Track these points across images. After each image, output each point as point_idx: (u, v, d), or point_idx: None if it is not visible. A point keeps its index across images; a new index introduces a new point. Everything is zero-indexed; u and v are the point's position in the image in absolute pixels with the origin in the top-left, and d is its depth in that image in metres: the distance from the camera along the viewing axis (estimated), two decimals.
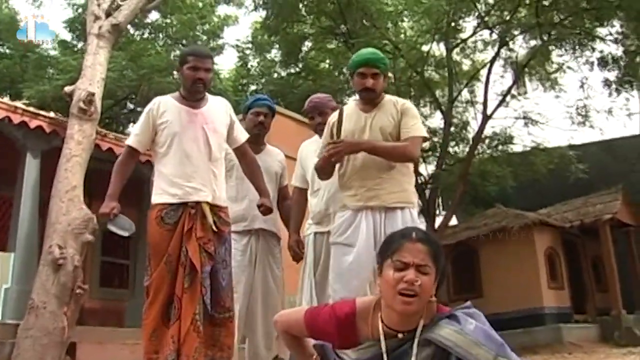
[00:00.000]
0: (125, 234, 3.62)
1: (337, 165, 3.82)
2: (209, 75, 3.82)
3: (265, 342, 4.41)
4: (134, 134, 3.74)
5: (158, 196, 3.63)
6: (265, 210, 3.99)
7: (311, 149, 4.50)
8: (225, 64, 35.92)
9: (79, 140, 7.55)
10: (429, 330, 2.20)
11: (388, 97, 3.93)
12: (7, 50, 16.66)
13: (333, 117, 3.91)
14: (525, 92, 17.46)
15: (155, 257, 3.50)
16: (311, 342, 2.56)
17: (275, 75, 18.34)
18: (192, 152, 3.66)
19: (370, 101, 3.84)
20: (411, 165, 3.87)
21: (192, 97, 3.78)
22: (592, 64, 16.03)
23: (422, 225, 3.79)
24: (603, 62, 15.89)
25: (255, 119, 4.54)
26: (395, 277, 2.20)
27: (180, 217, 3.53)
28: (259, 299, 4.35)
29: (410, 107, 3.91)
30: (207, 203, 3.62)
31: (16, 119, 8.20)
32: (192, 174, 3.63)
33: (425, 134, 3.93)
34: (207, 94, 3.91)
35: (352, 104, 4.01)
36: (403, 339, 2.24)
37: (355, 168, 3.73)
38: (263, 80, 18.52)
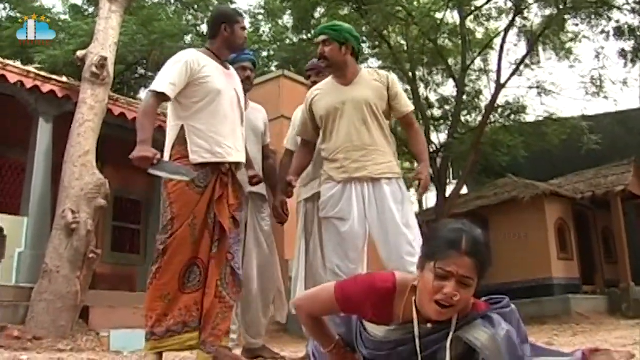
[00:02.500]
0: (184, 178, 3.28)
1: (320, 139, 3.92)
2: None
3: (263, 310, 4.42)
4: (169, 82, 3.41)
5: (197, 155, 3.41)
6: (258, 181, 4.07)
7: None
8: None
9: (91, 105, 7.55)
10: (463, 329, 2.16)
11: (365, 70, 3.98)
12: (18, 15, 16.56)
13: (310, 93, 3.99)
14: (539, 62, 17.30)
15: (180, 218, 3.35)
16: (333, 322, 2.54)
17: (287, 41, 18.19)
18: (229, 113, 3.58)
19: (340, 72, 3.86)
20: (392, 137, 3.89)
21: (225, 57, 3.74)
22: (607, 33, 15.78)
23: (412, 197, 3.80)
24: (619, 32, 15.63)
25: (243, 74, 4.29)
26: (435, 286, 2.11)
27: (210, 182, 3.43)
28: (254, 263, 4.32)
29: (396, 79, 4.01)
30: (239, 164, 3.61)
31: (29, 83, 8.18)
32: (232, 133, 3.56)
33: None
34: None
35: (329, 79, 4.01)
36: (434, 329, 2.21)
37: (338, 141, 3.75)
38: (275, 47, 18.38)
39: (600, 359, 2.30)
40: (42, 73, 8.56)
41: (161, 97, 3.42)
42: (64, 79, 8.75)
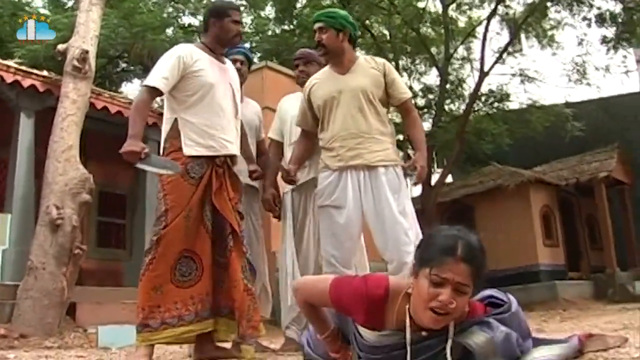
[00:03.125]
0: (169, 172, 3.31)
1: (319, 128, 3.91)
2: None
3: (263, 304, 4.42)
4: (161, 76, 3.44)
5: (190, 148, 3.43)
6: (259, 176, 4.01)
7: (291, 103, 4.54)
8: None
9: (73, 99, 7.45)
10: (460, 335, 2.13)
11: (362, 57, 3.98)
12: None
13: (309, 83, 3.99)
14: (521, 50, 17.35)
15: (174, 209, 3.34)
16: (330, 312, 2.52)
17: (270, 32, 18.09)
18: (224, 106, 3.58)
19: (337, 60, 3.86)
20: (390, 124, 3.89)
21: (220, 51, 3.71)
22: (589, 20, 15.85)
23: (408, 183, 3.78)
24: (601, 19, 15.69)
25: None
26: (430, 293, 2.07)
27: (204, 174, 3.42)
28: None
29: (392, 67, 3.99)
30: (234, 157, 3.60)
31: (9, 78, 8.08)
32: (226, 126, 3.55)
33: None
34: None
35: (326, 68, 4.02)
36: (428, 336, 2.18)
37: (335, 130, 3.75)
38: (257, 38, 18.27)
39: (596, 343, 2.30)
40: (23, 67, 8.45)
41: (154, 92, 3.46)
42: (45, 73, 8.64)
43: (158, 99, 3.83)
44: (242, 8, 18.61)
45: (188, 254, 3.36)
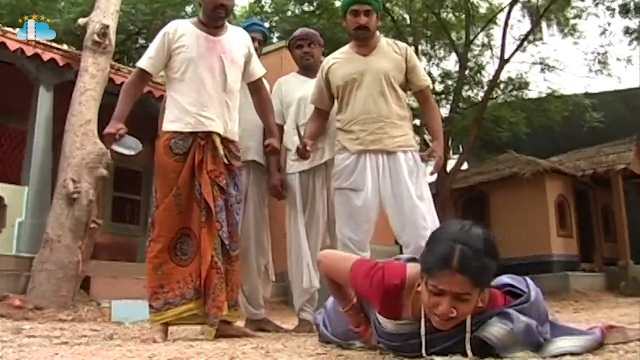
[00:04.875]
0: (131, 152, 3.44)
1: (335, 108, 3.91)
2: (232, 2, 3.64)
3: (264, 284, 4.45)
4: (147, 57, 3.53)
5: (169, 123, 3.48)
6: (272, 150, 3.90)
7: (292, 84, 4.49)
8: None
9: (93, 74, 7.46)
10: (478, 328, 2.10)
11: (384, 40, 3.93)
12: None
13: (327, 62, 3.93)
14: (542, 38, 17.16)
15: (162, 189, 3.39)
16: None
17: (289, 12, 18.00)
18: (207, 80, 3.50)
19: (366, 42, 3.82)
20: (408, 110, 3.87)
21: (212, 24, 3.61)
22: (613, 11, 15.66)
23: (427, 169, 3.79)
24: (625, 9, 15.51)
25: None
26: (431, 302, 2.05)
27: (190, 149, 3.40)
28: (252, 236, 4.30)
29: (413, 52, 3.96)
30: (218, 134, 3.49)
31: (29, 50, 8.08)
32: (206, 102, 3.48)
33: None
34: (227, 23, 3.75)
35: (346, 47, 3.96)
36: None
37: (355, 112, 3.72)
38: (276, 18, 18.20)
39: (616, 335, 2.28)
40: (43, 41, 8.45)
41: (142, 73, 3.55)
42: (65, 47, 8.64)
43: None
44: None
45: (186, 232, 3.38)
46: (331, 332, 2.76)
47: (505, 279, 2.32)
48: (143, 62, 3.53)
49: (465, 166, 17.03)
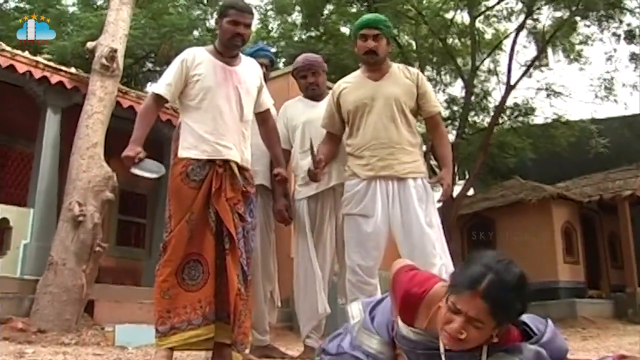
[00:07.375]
0: (153, 175, 3.42)
1: (346, 134, 3.90)
2: (248, 31, 3.63)
3: (269, 310, 4.43)
4: (165, 83, 3.52)
5: (185, 150, 3.45)
6: (281, 180, 3.88)
7: (297, 109, 4.46)
8: None
9: (100, 97, 7.50)
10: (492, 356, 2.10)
11: (395, 65, 3.93)
12: (27, 6, 16.49)
13: (338, 86, 3.93)
14: (547, 64, 17.20)
15: (176, 215, 3.36)
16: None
17: (296, 38, 18.11)
18: (224, 110, 3.50)
19: (376, 66, 3.83)
20: (419, 136, 3.86)
21: (228, 53, 3.61)
22: (618, 37, 15.69)
23: (436, 195, 3.78)
24: (630, 35, 15.55)
25: None
26: (446, 317, 2.07)
27: (207, 176, 3.39)
28: (258, 262, 4.24)
29: (425, 78, 3.96)
30: (236, 163, 3.49)
31: (37, 74, 8.11)
32: (224, 132, 3.47)
33: None
34: (240, 52, 3.75)
35: (357, 72, 3.98)
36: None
37: (366, 138, 3.72)
38: (283, 43, 18.30)
39: None
40: (51, 64, 8.50)
41: (159, 99, 3.53)
42: (73, 70, 8.69)
43: None
44: (269, 13, 18.76)
45: (195, 257, 3.36)
46: None
47: (524, 317, 2.28)
48: (161, 89, 3.52)
49: (471, 192, 17.00)
